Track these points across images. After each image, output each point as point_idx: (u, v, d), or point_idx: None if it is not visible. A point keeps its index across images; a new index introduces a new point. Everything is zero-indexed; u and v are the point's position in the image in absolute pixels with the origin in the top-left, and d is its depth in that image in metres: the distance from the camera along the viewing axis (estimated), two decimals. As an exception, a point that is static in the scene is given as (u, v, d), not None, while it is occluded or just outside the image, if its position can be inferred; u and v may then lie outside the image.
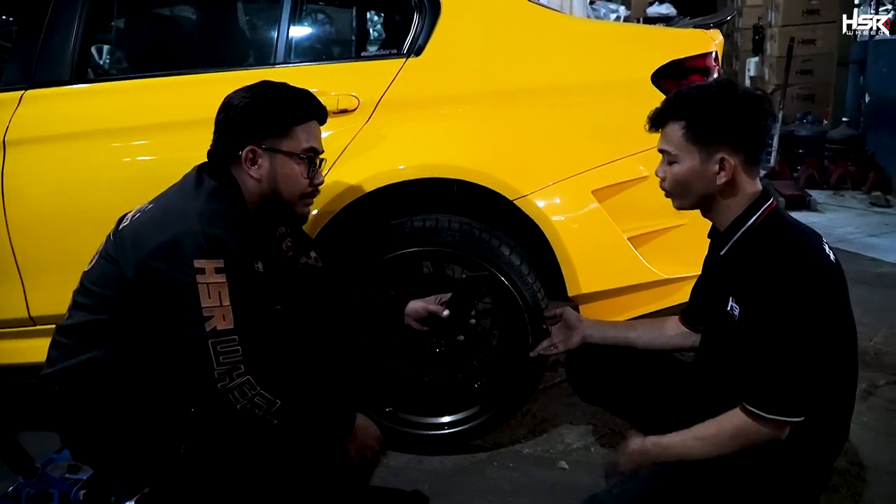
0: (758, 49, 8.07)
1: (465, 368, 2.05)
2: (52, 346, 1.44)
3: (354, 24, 2.85)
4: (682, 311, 1.70)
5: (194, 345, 1.31)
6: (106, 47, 3.09)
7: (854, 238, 4.29)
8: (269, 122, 1.43)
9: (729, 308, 1.35)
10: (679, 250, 1.97)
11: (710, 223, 1.46)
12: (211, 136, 1.50)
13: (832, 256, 1.31)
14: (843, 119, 6.04)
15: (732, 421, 1.29)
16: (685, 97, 1.35)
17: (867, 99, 5.83)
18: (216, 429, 1.38)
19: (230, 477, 1.39)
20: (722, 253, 1.39)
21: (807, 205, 4.95)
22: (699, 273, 1.62)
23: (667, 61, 1.93)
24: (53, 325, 1.94)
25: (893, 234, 4.38)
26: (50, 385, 1.40)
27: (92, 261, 1.46)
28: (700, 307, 1.58)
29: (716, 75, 2.02)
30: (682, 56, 1.96)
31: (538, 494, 1.87)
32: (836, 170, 5.60)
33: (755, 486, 1.32)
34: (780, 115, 5.65)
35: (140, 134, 1.95)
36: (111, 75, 2.47)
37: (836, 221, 4.64)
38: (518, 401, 2.02)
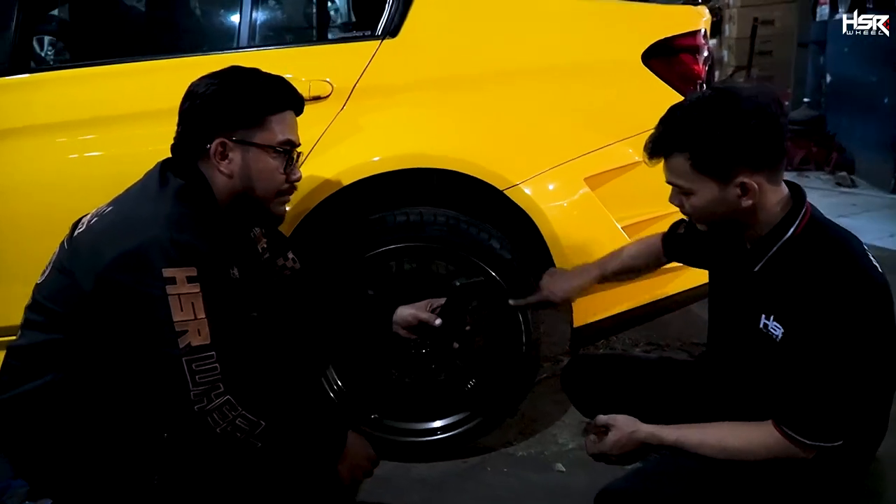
0: (715, 31, 8.10)
1: (461, 371, 1.93)
2: (2, 370, 1.27)
3: (324, 4, 2.69)
4: (665, 240, 1.61)
5: (166, 364, 1.16)
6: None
7: (824, 219, 4.29)
8: (241, 111, 1.28)
9: (763, 325, 1.24)
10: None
11: None
12: (169, 129, 1.33)
13: (879, 267, 1.19)
14: (805, 100, 6.07)
15: (764, 439, 1.19)
16: (682, 125, 1.18)
17: (828, 79, 5.86)
18: (193, 455, 1.24)
19: (210, 507, 1.26)
20: (756, 269, 1.26)
21: (775, 186, 4.97)
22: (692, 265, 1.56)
23: (656, 40, 1.84)
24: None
25: (861, 214, 4.40)
26: (1, 413, 1.24)
27: (44, 272, 1.29)
28: (684, 250, 1.55)
29: (706, 54, 1.94)
30: (672, 34, 1.87)
31: (537, 500, 1.78)
32: (799, 151, 5.63)
33: (784, 495, 1.25)
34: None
35: (87, 128, 1.77)
36: (56, 64, 2.26)
37: (804, 202, 4.66)
38: (515, 399, 1.92)
